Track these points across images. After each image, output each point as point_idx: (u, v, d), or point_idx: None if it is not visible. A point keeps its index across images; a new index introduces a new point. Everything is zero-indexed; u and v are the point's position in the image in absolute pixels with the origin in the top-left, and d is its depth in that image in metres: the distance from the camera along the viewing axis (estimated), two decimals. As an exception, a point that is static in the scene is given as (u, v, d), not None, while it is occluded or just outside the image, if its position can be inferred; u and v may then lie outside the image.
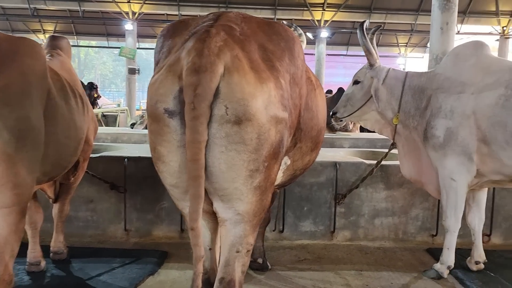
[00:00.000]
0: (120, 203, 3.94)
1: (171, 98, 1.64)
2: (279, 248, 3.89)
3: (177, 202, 1.91)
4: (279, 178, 2.33)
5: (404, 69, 17.95)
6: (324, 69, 17.79)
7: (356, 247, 3.96)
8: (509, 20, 17.30)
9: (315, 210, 4.06)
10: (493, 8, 16.85)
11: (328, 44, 19.94)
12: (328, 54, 20.05)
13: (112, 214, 3.97)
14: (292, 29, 3.62)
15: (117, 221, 3.97)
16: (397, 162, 4.11)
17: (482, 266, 3.47)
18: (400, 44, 27.42)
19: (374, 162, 3.97)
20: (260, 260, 3.32)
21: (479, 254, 3.48)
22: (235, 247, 1.79)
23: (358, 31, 3.70)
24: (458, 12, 17.28)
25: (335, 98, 7.33)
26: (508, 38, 17.68)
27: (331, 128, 6.01)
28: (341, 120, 3.87)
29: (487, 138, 3.06)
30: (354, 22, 18.69)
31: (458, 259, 3.54)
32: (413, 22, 18.08)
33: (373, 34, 3.84)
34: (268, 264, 3.39)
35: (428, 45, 28.07)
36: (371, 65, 3.68)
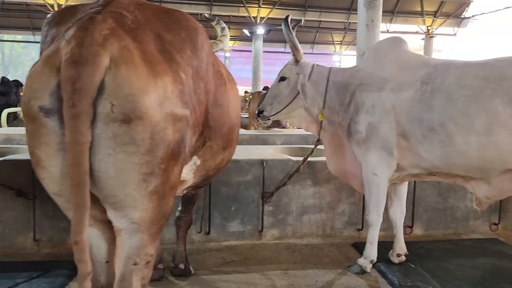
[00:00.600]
0: (29, 211, 3.58)
1: (47, 95, 1.43)
2: (206, 250, 3.74)
3: (65, 212, 1.69)
4: (190, 179, 2.18)
5: (339, 66, 18.47)
6: (262, 66, 17.83)
7: (284, 245, 3.91)
8: (433, 20, 18.34)
9: (243, 209, 3.95)
10: (419, 9, 17.78)
11: (265, 41, 20.03)
12: (266, 51, 20.16)
13: (20, 223, 3.61)
14: (215, 22, 3.49)
15: (26, 231, 3.61)
16: (324, 159, 4.10)
17: (403, 258, 3.55)
18: (335, 42, 28.26)
19: (301, 158, 3.93)
20: (182, 266, 3.15)
21: (400, 247, 3.55)
22: (132, 259, 1.61)
23: (283, 26, 3.63)
24: (387, 12, 18.20)
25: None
26: (433, 37, 18.75)
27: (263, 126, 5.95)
28: (269, 119, 3.80)
29: (406, 133, 3.10)
30: (297, 19, 18.91)
31: (382, 252, 3.61)
32: (346, 21, 18.60)
33: (292, 29, 3.80)
34: (191, 269, 3.23)
35: (361, 43, 29.20)
36: (297, 61, 3.63)
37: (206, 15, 3.67)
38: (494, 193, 3.10)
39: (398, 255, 3.53)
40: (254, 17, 17.05)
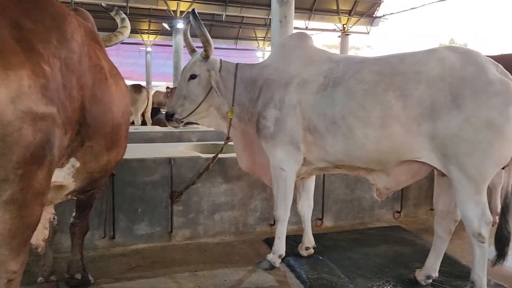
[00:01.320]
0: None
1: None
2: (110, 256, 3.51)
3: None
4: (71, 183, 1.98)
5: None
6: (183, 61, 17.44)
7: (195, 245, 3.80)
8: (348, 19, 19.19)
9: (151, 210, 3.77)
10: (335, 7, 18.49)
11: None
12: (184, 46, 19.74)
13: None
14: (113, 13, 3.26)
15: None
16: (234, 155, 4.05)
17: (312, 251, 3.60)
18: (258, 38, 28.55)
19: (211, 156, 3.84)
20: (78, 276, 2.91)
21: (308, 240, 3.60)
22: (-10, 278, 1.41)
23: (192, 19, 3.44)
24: (305, 9, 18.72)
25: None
26: (348, 35, 19.62)
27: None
28: (182, 121, 3.60)
29: (311, 127, 3.13)
30: (213, 14, 18.74)
31: (293, 246, 3.64)
32: (266, 17, 18.80)
33: (188, 24, 3.69)
34: (91, 278, 3.00)
35: (284, 39, 29.87)
36: (207, 57, 3.48)
37: (103, 4, 3.42)
38: (393, 184, 3.23)
39: (307, 248, 3.58)
40: (173, 11, 16.62)
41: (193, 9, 3.54)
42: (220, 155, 3.86)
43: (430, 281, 3.12)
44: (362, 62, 3.10)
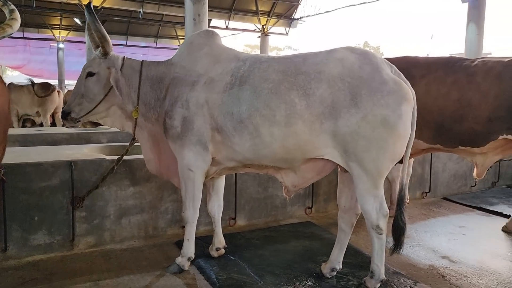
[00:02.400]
0: None
1: None
2: (1, 271, 3.19)
3: None
4: None
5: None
6: (98, 59, 16.56)
7: (100, 253, 3.59)
8: (267, 19, 19.54)
9: (49, 218, 3.49)
10: (254, 8, 18.72)
11: (102, 32, 18.73)
12: (103, 43, 18.81)
13: None
14: (1, 3, 2.97)
15: None
16: (141, 156, 3.90)
17: (223, 251, 3.58)
18: (179, 36, 28.02)
19: (117, 157, 3.65)
20: (-42, 295, 2.61)
21: (219, 241, 3.57)
22: None
23: (86, 14, 3.27)
24: (225, 9, 18.74)
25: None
26: (268, 35, 19.98)
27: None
28: (79, 121, 3.39)
29: (219, 127, 3.09)
30: (131, 11, 18.03)
31: (204, 247, 3.59)
32: (183, 15, 18.52)
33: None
34: (-25, 296, 2.70)
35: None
36: (106, 53, 3.31)
37: None
38: (300, 181, 3.30)
39: (217, 249, 3.55)
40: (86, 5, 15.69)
41: (89, 3, 3.36)
42: (127, 157, 3.70)
43: (335, 273, 3.24)
44: (268, 61, 3.13)
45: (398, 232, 3.04)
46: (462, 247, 3.96)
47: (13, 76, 31.24)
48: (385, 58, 4.83)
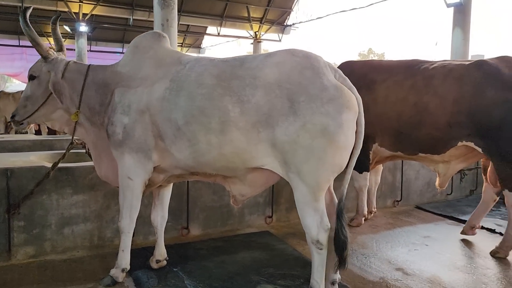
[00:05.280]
0: None
1: None
2: None
3: None
4: None
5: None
6: (88, 66, 16.56)
7: (38, 264, 3.45)
8: (260, 26, 19.47)
9: (-16, 228, 3.36)
10: (246, 14, 18.66)
11: (93, 39, 18.79)
12: (94, 51, 18.84)
13: None
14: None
15: None
16: (86, 164, 3.79)
17: (164, 263, 3.43)
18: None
19: (64, 165, 3.53)
20: None
21: (160, 253, 3.42)
22: None
23: (20, 19, 3.20)
24: (216, 15, 18.69)
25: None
26: (260, 42, 19.91)
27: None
28: (22, 123, 3.31)
29: (161, 133, 2.96)
30: (125, 18, 17.99)
31: (148, 258, 3.45)
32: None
33: (54, 23, 3.44)
34: None
35: (202, 45, 29.42)
36: (45, 57, 3.24)
37: None
38: (248, 191, 3.16)
39: (157, 261, 3.40)
40: (76, 13, 15.70)
41: (24, 8, 3.27)
42: (70, 164, 3.58)
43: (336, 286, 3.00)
44: (205, 65, 2.99)
45: (340, 246, 2.79)
46: (420, 259, 3.79)
47: (16, 85, 31.46)
48: (347, 62, 4.77)
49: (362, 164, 4.46)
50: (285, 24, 19.93)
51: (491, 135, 3.60)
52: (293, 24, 19.58)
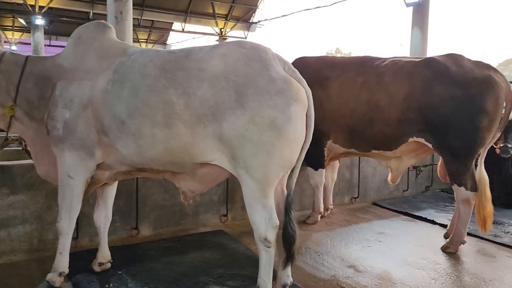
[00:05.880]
0: None
1: None
2: None
3: None
4: None
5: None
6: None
7: (-31, 269, 3.20)
8: (225, 23, 19.30)
9: None
10: (211, 11, 18.44)
11: (53, 34, 18.10)
12: (54, 45, 18.15)
13: None
14: None
15: None
16: (24, 162, 3.55)
17: (108, 266, 3.27)
18: (140, 40, 27.48)
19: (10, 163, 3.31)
20: None
21: (103, 255, 3.25)
22: None
23: None
24: (181, 11, 18.38)
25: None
26: (226, 39, 19.72)
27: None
28: None
29: (105, 128, 2.79)
30: (86, 12, 17.40)
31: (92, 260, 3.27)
32: (139, 17, 18.05)
33: None
34: None
35: (168, 41, 28.89)
36: None
37: None
38: (197, 187, 3.06)
39: (100, 264, 3.22)
40: (32, 6, 15.04)
41: None
42: (5, 162, 3.35)
43: None
44: (150, 56, 2.85)
45: (288, 242, 2.75)
46: (373, 255, 3.78)
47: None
48: (301, 58, 4.71)
49: (317, 161, 4.44)
50: (250, 21, 19.85)
51: (440, 131, 3.63)
52: (259, 21, 19.53)
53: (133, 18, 19.29)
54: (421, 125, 3.72)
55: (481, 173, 3.73)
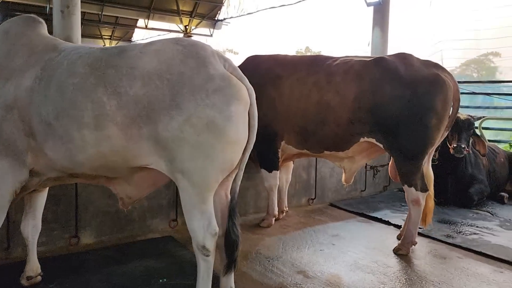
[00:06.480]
0: None
1: None
2: None
3: None
4: None
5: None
6: None
7: None
8: (190, 20, 18.98)
9: None
10: (175, 7, 18.08)
11: None
12: None
13: None
14: None
15: None
16: None
17: (38, 279, 3.02)
18: (104, 36, 26.77)
19: None
20: None
21: (31, 268, 3.01)
22: None
23: None
24: (144, 7, 17.93)
25: None
26: (191, 36, 19.43)
27: None
28: None
29: (33, 131, 2.55)
30: (42, 6, 16.70)
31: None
32: (100, 13, 17.49)
33: None
34: None
35: (133, 38, 28.27)
36: None
37: None
38: (135, 192, 2.90)
39: (29, 278, 2.98)
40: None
41: None
42: None
43: None
44: (80, 52, 2.64)
45: (231, 247, 2.64)
46: (324, 260, 3.69)
47: None
48: (254, 56, 4.57)
49: (271, 163, 4.32)
50: (216, 18, 19.59)
51: (390, 131, 3.58)
52: (224, 19, 19.30)
53: (94, 14, 18.83)
54: (371, 125, 3.65)
55: (428, 171, 3.72)
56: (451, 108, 3.61)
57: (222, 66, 2.54)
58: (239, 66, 4.53)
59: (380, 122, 3.59)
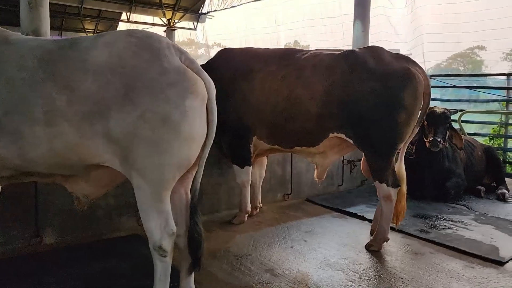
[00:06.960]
0: None
1: None
2: None
3: None
4: None
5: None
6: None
7: None
8: (173, 13, 18.70)
9: None
10: (157, 0, 17.79)
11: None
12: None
13: None
14: None
15: None
16: None
17: (-12, 283, 2.89)
18: (87, 30, 26.33)
19: None
20: None
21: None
22: None
23: None
24: (125, 0, 17.61)
25: None
26: (174, 30, 19.17)
27: None
28: None
29: None
30: None
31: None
32: (80, 5, 17.12)
33: None
34: None
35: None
36: None
37: None
38: (92, 191, 2.80)
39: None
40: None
41: None
42: None
43: None
44: (32, 45, 2.51)
45: (194, 246, 2.57)
46: (294, 257, 3.61)
47: None
48: (227, 49, 4.46)
49: (244, 159, 4.23)
50: (200, 12, 19.34)
51: (359, 126, 3.50)
52: (208, 12, 19.06)
53: (73, 7, 18.44)
54: (340, 120, 3.57)
55: (400, 169, 3.65)
56: (422, 103, 3.53)
57: (178, 59, 2.45)
58: (211, 60, 4.44)
59: (349, 117, 3.51)
